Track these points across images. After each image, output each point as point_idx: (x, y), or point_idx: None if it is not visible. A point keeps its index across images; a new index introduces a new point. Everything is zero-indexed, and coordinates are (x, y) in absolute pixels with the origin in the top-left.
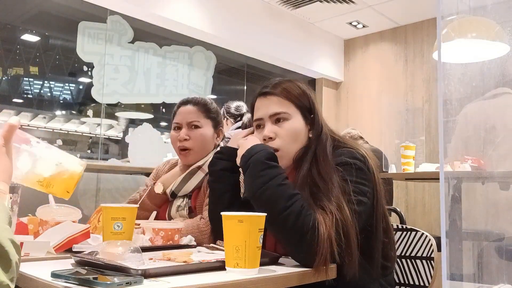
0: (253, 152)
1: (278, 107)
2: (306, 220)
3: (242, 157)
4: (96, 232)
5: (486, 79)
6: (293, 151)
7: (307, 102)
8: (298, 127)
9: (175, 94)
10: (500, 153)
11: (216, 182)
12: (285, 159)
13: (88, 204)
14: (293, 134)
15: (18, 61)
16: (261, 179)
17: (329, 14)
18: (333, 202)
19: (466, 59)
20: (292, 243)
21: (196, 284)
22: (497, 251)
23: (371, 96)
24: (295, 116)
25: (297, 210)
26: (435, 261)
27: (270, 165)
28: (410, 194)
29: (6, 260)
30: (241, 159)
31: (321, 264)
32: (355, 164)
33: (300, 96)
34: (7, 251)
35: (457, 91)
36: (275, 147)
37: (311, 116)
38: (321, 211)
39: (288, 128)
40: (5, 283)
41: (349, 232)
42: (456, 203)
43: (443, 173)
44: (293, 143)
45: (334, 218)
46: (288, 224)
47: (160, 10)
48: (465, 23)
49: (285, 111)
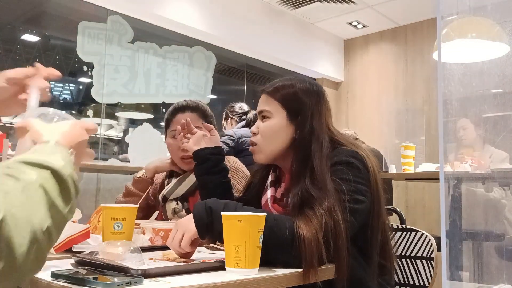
0: (202, 208)
1: (264, 105)
2: (283, 228)
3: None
4: (96, 232)
5: (486, 79)
6: (270, 148)
7: (296, 103)
8: (276, 125)
9: (175, 94)
10: None
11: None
12: (263, 154)
13: (88, 204)
14: (270, 132)
15: (18, 61)
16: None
17: (329, 14)
18: (324, 206)
19: (466, 59)
20: (279, 255)
21: (196, 284)
22: (497, 251)
23: (371, 96)
24: (278, 115)
25: (272, 223)
26: (435, 261)
27: (224, 203)
28: (410, 194)
29: (66, 194)
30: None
31: (308, 266)
32: (353, 163)
33: (289, 97)
34: (69, 187)
35: (457, 91)
36: (254, 141)
37: (298, 118)
38: (309, 213)
39: (267, 126)
40: (63, 213)
41: (338, 237)
42: (456, 203)
43: (443, 173)
44: (269, 140)
45: (323, 221)
46: (270, 240)
47: (160, 10)
48: (465, 23)
49: (268, 110)
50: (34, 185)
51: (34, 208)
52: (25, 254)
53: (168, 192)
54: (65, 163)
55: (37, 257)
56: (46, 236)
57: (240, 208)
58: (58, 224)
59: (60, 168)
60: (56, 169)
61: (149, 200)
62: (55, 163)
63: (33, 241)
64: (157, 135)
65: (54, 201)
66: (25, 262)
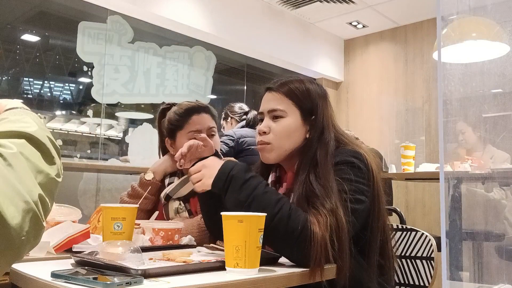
0: (227, 171)
1: (277, 104)
2: (297, 221)
3: (217, 180)
4: (96, 232)
5: (486, 79)
6: (284, 147)
7: (310, 103)
8: (292, 125)
9: (175, 94)
10: None
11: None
12: (275, 153)
13: (88, 204)
14: (286, 132)
15: (18, 61)
16: (245, 192)
17: (329, 14)
18: (327, 206)
19: (466, 59)
20: (286, 247)
21: (196, 284)
22: (497, 251)
23: (371, 96)
24: (292, 115)
25: (286, 213)
26: (435, 261)
27: (248, 177)
28: (410, 194)
29: (49, 156)
30: (216, 182)
31: (316, 265)
32: (354, 163)
33: (303, 97)
34: (47, 147)
35: (457, 91)
36: (266, 141)
37: (312, 118)
38: (314, 212)
39: (282, 125)
40: (51, 176)
41: (341, 237)
42: (456, 203)
43: (443, 173)
44: (285, 140)
45: (328, 221)
46: (280, 229)
47: (160, 10)
48: (465, 23)
49: (282, 109)
50: (14, 157)
51: (19, 178)
52: (19, 225)
53: (172, 191)
54: (38, 125)
55: (34, 226)
56: (40, 203)
57: (261, 187)
58: (49, 188)
59: (34, 132)
60: (31, 134)
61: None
62: (28, 129)
63: (26, 211)
64: (157, 135)
65: (38, 166)
66: (21, 233)
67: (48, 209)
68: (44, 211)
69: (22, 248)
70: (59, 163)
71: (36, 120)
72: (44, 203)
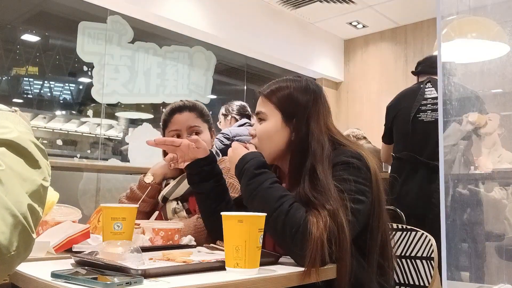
0: (244, 162)
1: (260, 107)
2: (295, 218)
3: (236, 168)
4: (96, 232)
5: (486, 79)
6: (266, 150)
7: (291, 105)
8: (272, 128)
9: (175, 94)
10: None
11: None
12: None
13: (88, 204)
14: (266, 134)
15: (18, 61)
16: (251, 186)
17: (329, 14)
18: (327, 208)
19: (466, 59)
20: (285, 241)
21: (196, 284)
22: (497, 251)
23: (371, 96)
24: (273, 117)
25: (285, 209)
26: (435, 261)
27: (258, 173)
28: None
29: (32, 160)
30: (235, 169)
31: (310, 265)
32: (354, 163)
33: (284, 99)
34: (30, 152)
35: (457, 91)
36: (253, 143)
37: (293, 120)
38: (314, 212)
39: (262, 128)
40: (37, 182)
41: (342, 237)
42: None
43: (443, 173)
44: (266, 142)
45: (327, 222)
46: (279, 224)
47: (160, 10)
48: (465, 23)
49: (263, 111)
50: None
51: (5, 191)
52: (9, 240)
53: (168, 192)
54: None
55: (24, 239)
56: (29, 213)
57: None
58: (37, 196)
59: (14, 138)
60: (11, 140)
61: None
62: (7, 135)
63: (14, 225)
64: (157, 135)
65: (22, 174)
66: (10, 248)
67: (38, 217)
68: (34, 221)
69: (12, 263)
70: (44, 164)
71: (15, 120)
72: (33, 212)
